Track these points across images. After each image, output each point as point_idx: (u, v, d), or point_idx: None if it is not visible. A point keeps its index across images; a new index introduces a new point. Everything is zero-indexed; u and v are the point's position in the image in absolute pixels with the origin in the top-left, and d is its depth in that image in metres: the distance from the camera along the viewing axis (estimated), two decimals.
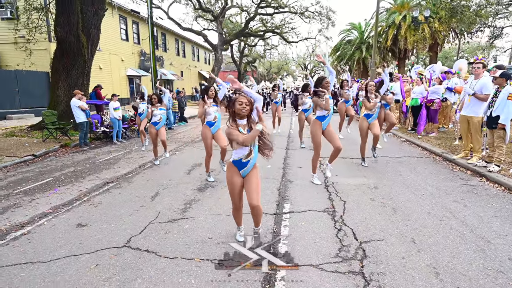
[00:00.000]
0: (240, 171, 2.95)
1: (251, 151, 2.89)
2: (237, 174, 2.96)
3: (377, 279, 2.60)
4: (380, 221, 3.70)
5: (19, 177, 6.04)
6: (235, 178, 2.96)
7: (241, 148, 2.87)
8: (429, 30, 20.78)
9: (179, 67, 30.32)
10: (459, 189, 4.81)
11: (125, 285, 2.62)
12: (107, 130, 10.01)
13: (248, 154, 2.88)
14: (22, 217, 4.13)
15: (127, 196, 4.85)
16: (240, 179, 2.97)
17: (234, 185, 2.97)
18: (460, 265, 2.77)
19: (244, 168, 2.93)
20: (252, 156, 2.91)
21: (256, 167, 2.99)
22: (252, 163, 2.94)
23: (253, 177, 2.94)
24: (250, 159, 2.90)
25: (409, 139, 8.84)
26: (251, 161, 2.92)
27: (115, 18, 20.40)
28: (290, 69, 55.60)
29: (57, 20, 9.93)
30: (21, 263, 3.01)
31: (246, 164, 2.91)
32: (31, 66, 14.92)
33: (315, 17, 24.02)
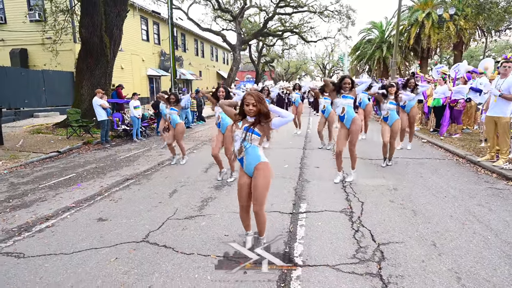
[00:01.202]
0: (243, 167, 2.87)
1: (241, 147, 2.76)
2: (243, 171, 2.89)
3: (395, 282, 2.53)
4: (399, 223, 3.61)
5: (45, 172, 6.31)
6: (243, 178, 2.89)
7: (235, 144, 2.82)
8: (454, 28, 20.05)
9: (198, 67, 30.75)
10: (483, 192, 4.61)
11: (143, 278, 2.69)
12: (128, 128, 10.28)
13: (239, 151, 2.79)
14: (47, 210, 4.31)
15: (146, 192, 4.97)
16: (247, 179, 2.87)
17: (241, 185, 2.90)
18: (484, 271, 2.66)
19: (243, 165, 2.85)
20: (244, 153, 2.77)
21: (260, 169, 2.77)
22: (250, 163, 2.79)
23: (255, 181, 2.78)
24: (243, 156, 2.79)
25: (431, 140, 8.56)
26: (245, 159, 2.79)
27: (137, 19, 20.94)
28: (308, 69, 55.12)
29: (82, 22, 10.31)
30: (45, 254, 3.15)
31: (242, 161, 2.83)
32: (57, 66, 15.56)
33: (334, 16, 23.70)
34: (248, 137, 2.73)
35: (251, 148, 2.77)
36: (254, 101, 2.67)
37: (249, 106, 2.68)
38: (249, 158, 2.79)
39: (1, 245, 3.33)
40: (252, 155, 2.79)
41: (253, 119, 2.75)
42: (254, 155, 2.79)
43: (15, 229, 3.71)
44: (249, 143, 2.75)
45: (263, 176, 2.77)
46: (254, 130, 2.73)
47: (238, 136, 2.79)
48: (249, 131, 2.73)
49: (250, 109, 2.68)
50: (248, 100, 2.68)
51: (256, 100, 2.67)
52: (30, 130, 10.72)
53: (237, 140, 2.81)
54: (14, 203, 4.61)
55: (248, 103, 2.69)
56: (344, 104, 4.73)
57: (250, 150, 2.78)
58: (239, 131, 2.80)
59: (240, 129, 2.80)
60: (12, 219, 4.02)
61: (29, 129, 11.06)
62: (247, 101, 2.69)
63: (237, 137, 2.81)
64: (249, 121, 2.77)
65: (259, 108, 2.68)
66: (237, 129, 2.82)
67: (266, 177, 2.78)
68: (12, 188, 5.31)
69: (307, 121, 14.28)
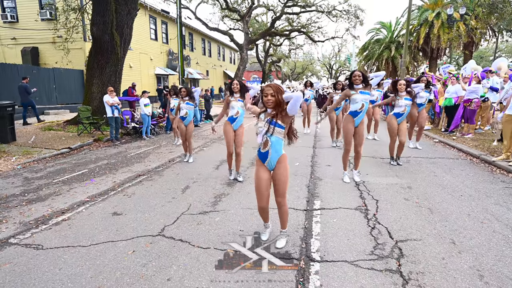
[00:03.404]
0: (264, 163, 2.85)
1: (267, 140, 2.75)
2: (263, 167, 2.86)
3: (416, 278, 2.50)
4: (416, 221, 3.57)
5: (58, 168, 6.38)
6: (261, 172, 2.86)
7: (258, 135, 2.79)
8: (465, 28, 19.80)
9: (205, 66, 30.84)
10: (500, 191, 4.55)
11: (161, 271, 2.70)
12: (137, 126, 10.35)
13: (265, 144, 2.76)
14: (62, 204, 4.36)
15: (158, 188, 4.99)
16: (266, 173, 2.86)
17: (260, 179, 2.85)
18: (507, 269, 2.62)
19: (266, 159, 2.81)
20: (270, 146, 2.75)
21: (282, 161, 2.82)
22: (274, 156, 2.78)
23: (279, 173, 2.80)
24: (268, 150, 2.76)
25: (443, 140, 8.45)
26: (270, 153, 2.77)
27: (146, 18, 21.07)
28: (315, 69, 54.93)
29: (93, 19, 10.40)
30: (63, 246, 3.18)
31: (266, 155, 2.79)
32: (68, 65, 15.73)
33: (342, 16, 23.52)
34: (271, 130, 2.72)
35: (276, 141, 2.77)
36: (272, 91, 2.68)
37: (268, 97, 2.69)
38: (274, 152, 2.78)
39: (19, 237, 3.37)
40: (277, 148, 2.79)
41: (273, 111, 2.74)
42: (279, 148, 2.79)
43: (32, 222, 3.76)
44: (274, 136, 2.74)
45: (285, 167, 2.83)
46: (276, 123, 2.71)
47: (262, 128, 2.77)
48: (271, 124, 2.72)
49: (268, 99, 2.69)
50: (267, 91, 2.70)
51: (275, 91, 2.68)
52: (41, 127, 10.85)
53: (260, 132, 2.78)
54: (30, 197, 4.67)
55: (266, 93, 2.70)
56: (363, 100, 4.68)
57: (275, 144, 2.77)
58: (261, 123, 2.78)
59: (262, 121, 2.78)
60: (29, 212, 4.07)
61: (40, 125, 11.20)
62: (266, 92, 2.71)
63: (260, 129, 2.78)
64: (270, 113, 2.76)
65: (277, 98, 2.67)
66: (260, 122, 2.80)
67: (287, 168, 2.86)
68: (27, 183, 5.38)
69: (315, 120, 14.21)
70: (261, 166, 2.88)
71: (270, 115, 2.76)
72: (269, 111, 2.78)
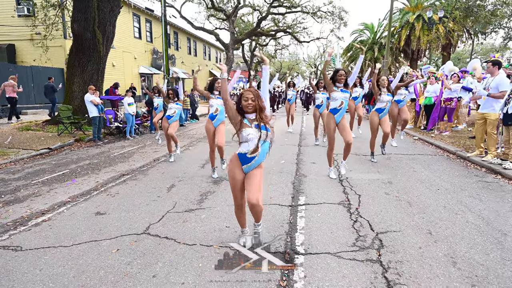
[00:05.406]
0: (243, 166, 2.74)
1: (257, 147, 2.67)
2: (239, 168, 2.75)
3: (395, 267, 2.61)
4: (395, 214, 3.71)
5: (36, 169, 6.21)
6: (237, 173, 2.75)
7: (248, 142, 2.69)
8: (444, 30, 20.49)
9: (191, 66, 30.56)
10: (474, 185, 4.77)
11: (146, 268, 2.69)
12: (121, 126, 10.18)
13: (254, 150, 2.67)
14: (42, 205, 4.25)
15: (143, 187, 4.95)
16: (241, 175, 2.76)
17: (235, 180, 2.76)
18: (478, 255, 2.77)
19: (248, 164, 2.71)
20: (259, 153, 2.68)
21: (261, 167, 2.77)
22: (258, 161, 2.72)
23: (255, 175, 2.72)
24: (256, 156, 2.68)
25: (422, 137, 8.77)
26: (256, 158, 2.70)
27: (129, 16, 20.69)
28: (300, 69, 55.42)
29: (74, 16, 10.14)
30: (44, 247, 3.11)
31: (251, 160, 2.69)
32: (47, 62, 15.24)
33: (327, 17, 23.87)
34: (264, 136, 2.67)
35: (266, 147, 2.73)
36: (252, 96, 2.67)
37: (248, 101, 2.67)
38: (261, 157, 2.73)
39: None
40: (263, 152, 2.73)
41: (254, 115, 2.71)
42: (264, 152, 2.74)
43: (10, 224, 3.65)
44: (264, 142, 2.70)
45: (261, 172, 2.79)
46: (266, 127, 2.69)
47: (253, 135, 2.67)
48: (262, 129, 2.67)
49: (249, 103, 2.66)
50: (247, 95, 2.68)
51: (255, 95, 2.68)
52: (19, 127, 10.49)
53: (251, 139, 2.67)
54: (7, 198, 4.52)
55: (246, 98, 2.68)
56: (343, 98, 4.80)
57: (264, 149, 2.72)
58: (251, 129, 2.67)
59: (251, 127, 2.68)
60: (6, 213, 3.95)
61: (17, 126, 10.82)
62: (245, 97, 2.68)
63: (250, 136, 2.67)
64: (251, 118, 2.72)
65: (257, 103, 2.67)
66: (248, 128, 2.68)
67: (262, 173, 2.81)
68: (3, 184, 5.20)
69: (300, 119, 14.39)
70: (237, 168, 2.76)
71: (253, 121, 2.70)
72: (250, 116, 2.73)
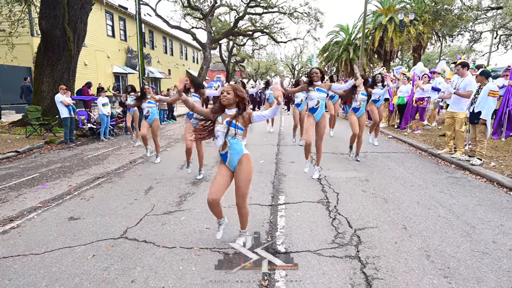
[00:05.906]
0: (225, 162, 2.81)
1: (225, 142, 2.71)
2: (225, 166, 2.82)
3: (373, 262, 2.70)
4: (372, 210, 3.83)
5: (3, 173, 5.85)
6: (222, 169, 2.82)
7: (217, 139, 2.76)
8: (415, 32, 21.38)
9: (167, 65, 29.96)
10: (444, 181, 5.02)
11: (124, 273, 2.61)
12: (94, 127, 9.81)
13: (223, 146, 2.73)
14: (10, 211, 4.02)
15: (119, 190, 4.80)
16: (228, 171, 2.81)
17: (220, 174, 2.80)
18: (449, 248, 2.92)
19: (226, 160, 2.78)
20: (228, 147, 2.72)
21: (244, 162, 2.76)
22: (235, 157, 2.74)
23: (241, 172, 2.75)
24: (227, 151, 2.73)
25: (396, 136, 9.10)
26: (230, 154, 2.73)
27: (101, 13, 19.97)
28: (278, 69, 55.85)
29: (42, 12, 9.65)
30: (13, 255, 2.95)
31: (226, 155, 2.76)
32: (13, 61, 14.41)
33: (303, 18, 24.21)
34: (231, 132, 2.68)
35: (235, 143, 2.74)
36: (229, 89, 2.71)
37: (223, 93, 2.71)
38: (234, 153, 2.74)
39: None
40: (237, 150, 2.75)
41: (234, 111, 2.73)
42: (239, 149, 2.75)
43: None
44: (233, 138, 2.71)
45: (247, 169, 2.77)
46: (236, 125, 2.69)
47: (221, 131, 2.72)
48: (231, 126, 2.68)
49: (224, 95, 2.70)
50: (226, 89, 2.74)
51: (231, 88, 2.72)
52: None
53: (219, 135, 2.73)
54: None
55: (223, 91, 2.73)
56: (319, 98, 4.89)
57: (234, 145, 2.74)
58: (221, 125, 2.72)
59: (221, 123, 2.72)
60: None
61: None
62: (224, 90, 2.74)
63: (219, 133, 2.73)
64: (229, 114, 2.74)
65: (232, 95, 2.69)
66: (219, 124, 2.74)
67: (250, 169, 2.79)
68: None
69: (279, 119, 14.50)
70: (223, 165, 2.83)
71: (229, 117, 2.72)
72: (227, 112, 2.75)
